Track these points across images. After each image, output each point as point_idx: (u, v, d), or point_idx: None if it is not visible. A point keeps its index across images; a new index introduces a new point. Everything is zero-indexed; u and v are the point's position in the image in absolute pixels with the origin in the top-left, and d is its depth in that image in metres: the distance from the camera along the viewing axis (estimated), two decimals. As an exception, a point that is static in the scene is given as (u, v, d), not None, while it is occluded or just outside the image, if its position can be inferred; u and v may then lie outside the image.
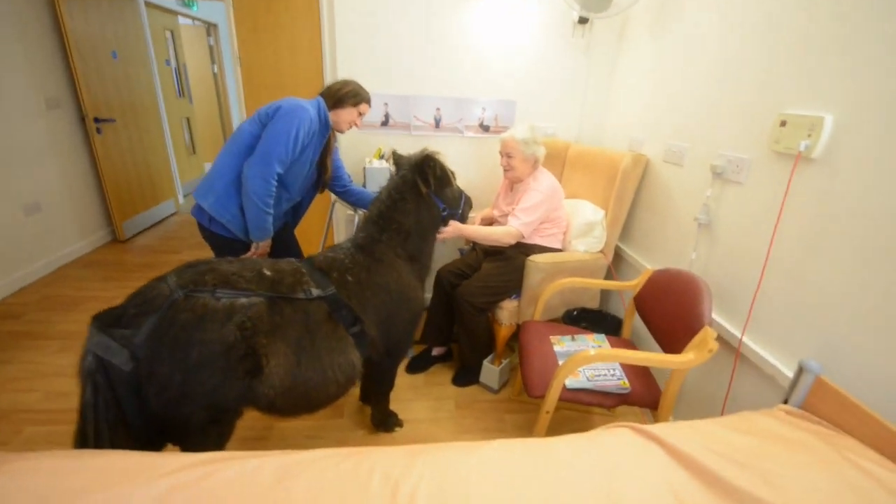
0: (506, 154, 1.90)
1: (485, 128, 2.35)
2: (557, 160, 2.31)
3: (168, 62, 4.38)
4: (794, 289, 1.20)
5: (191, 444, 1.22)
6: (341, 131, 1.72)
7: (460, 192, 1.69)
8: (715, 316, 1.48)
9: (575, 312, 2.06)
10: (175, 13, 4.46)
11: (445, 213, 1.59)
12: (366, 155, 2.27)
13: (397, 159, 1.61)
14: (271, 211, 1.55)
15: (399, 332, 1.48)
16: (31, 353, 2.11)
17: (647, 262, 1.94)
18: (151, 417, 1.11)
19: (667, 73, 1.82)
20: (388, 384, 1.67)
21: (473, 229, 1.77)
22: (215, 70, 5.45)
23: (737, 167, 1.39)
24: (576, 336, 1.67)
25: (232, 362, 1.09)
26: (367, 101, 1.72)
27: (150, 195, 3.91)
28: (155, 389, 1.06)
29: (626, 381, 1.40)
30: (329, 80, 2.06)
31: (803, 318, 1.18)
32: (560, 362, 1.50)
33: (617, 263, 2.19)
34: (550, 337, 1.66)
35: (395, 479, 0.91)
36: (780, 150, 1.22)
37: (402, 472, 0.93)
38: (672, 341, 1.38)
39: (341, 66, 2.16)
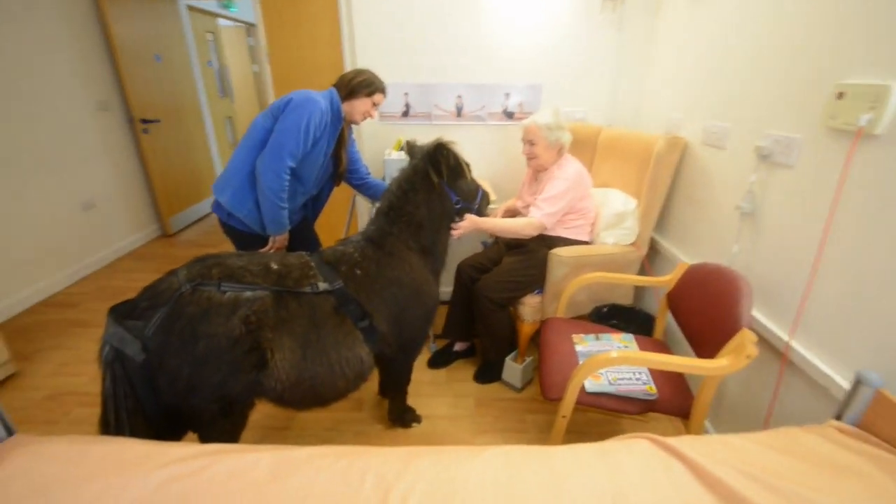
0: (528, 141, 1.80)
1: (509, 115, 2.24)
2: (587, 146, 2.17)
3: (210, 63, 4.57)
4: (851, 287, 1.04)
5: (205, 433, 1.25)
6: (356, 122, 1.69)
7: (476, 186, 1.61)
8: (760, 316, 1.32)
9: (605, 309, 1.93)
10: (215, 15, 4.63)
11: (459, 205, 1.52)
12: (386, 146, 2.24)
13: (411, 148, 1.56)
14: (286, 205, 1.55)
15: (412, 327, 1.44)
16: (83, 339, 2.28)
17: (684, 256, 1.78)
18: (166, 407, 1.15)
19: (708, 45, 1.64)
20: (404, 380, 1.65)
21: (492, 222, 1.69)
22: (256, 69, 5.64)
23: (786, 148, 1.22)
24: (600, 335, 1.56)
25: (238, 356, 1.10)
26: (382, 90, 1.67)
27: (195, 192, 4.12)
28: (165, 381, 1.09)
29: (653, 387, 1.28)
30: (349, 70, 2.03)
31: (862, 322, 1.02)
32: (581, 363, 1.41)
33: (652, 257, 2.04)
34: (573, 335, 1.56)
35: (388, 483, 0.87)
36: (836, 127, 1.05)
37: (396, 475, 0.89)
38: (705, 344, 1.24)
39: (360, 56, 2.13)
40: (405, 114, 2.24)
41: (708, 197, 1.63)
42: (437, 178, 1.41)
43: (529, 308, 1.86)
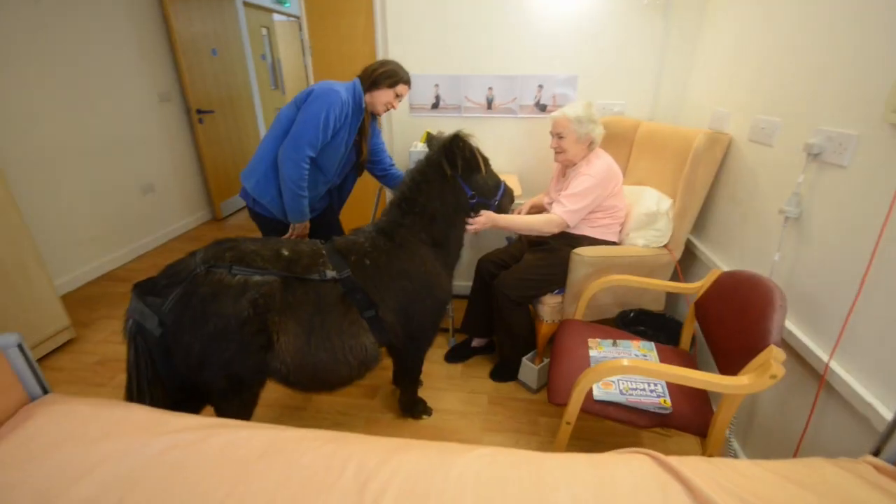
0: (556, 134, 1.73)
1: (541, 107, 2.16)
2: (624, 141, 2.05)
3: (263, 56, 4.79)
4: (905, 307, 0.91)
5: (219, 407, 1.32)
6: (378, 113, 1.70)
7: (497, 182, 1.57)
8: (799, 333, 1.19)
9: (631, 314, 1.83)
10: (270, 10, 4.84)
11: (475, 200, 1.49)
12: (415, 139, 2.24)
13: (430, 140, 1.55)
14: (305, 194, 1.59)
15: (420, 320, 1.44)
16: (134, 312, 2.48)
17: (722, 262, 1.64)
18: (182, 379, 1.22)
19: (761, 33, 1.48)
20: (414, 371, 1.65)
21: (509, 219, 1.64)
22: (307, 62, 5.83)
23: (839, 146, 1.08)
24: (619, 341, 1.47)
25: (245, 336, 1.14)
26: (405, 81, 1.67)
27: (245, 179, 4.34)
28: (179, 355, 1.16)
29: (668, 400, 1.19)
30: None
31: (915, 347, 0.88)
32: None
33: (688, 262, 1.90)
34: (589, 340, 1.49)
35: (369, 472, 0.88)
36: (898, 122, 0.91)
37: (378, 465, 0.89)
38: (729, 359, 1.14)
39: (392, 47, 2.14)
40: (435, 106, 2.22)
41: (751, 198, 1.49)
42: (449, 169, 1.38)
43: (549, 308, 1.80)
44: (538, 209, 2.03)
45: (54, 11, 2.48)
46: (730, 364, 1.12)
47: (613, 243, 1.79)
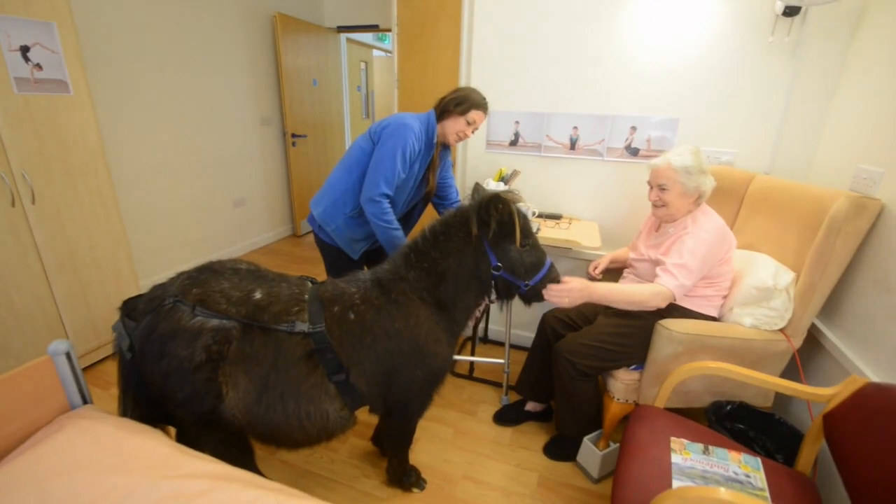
0: (657, 185, 1.48)
1: (632, 151, 1.93)
2: (732, 196, 1.75)
3: (359, 88, 5.09)
4: None
5: (203, 443, 1.17)
6: (449, 144, 1.61)
7: (538, 260, 1.26)
8: None
9: (728, 408, 1.49)
10: (371, 47, 5.17)
11: (498, 273, 1.23)
12: (488, 176, 2.12)
13: (476, 191, 1.38)
14: (395, 226, 1.50)
15: (406, 389, 1.24)
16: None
17: (862, 363, 1.27)
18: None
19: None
20: (401, 442, 1.46)
21: (606, 287, 1.39)
22: (395, 94, 6.13)
23: None
24: (712, 448, 1.17)
25: (198, 382, 1.04)
26: (478, 106, 1.56)
27: (326, 200, 4.56)
28: (146, 382, 1.10)
29: (781, 552, 0.88)
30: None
31: None
32: (674, 483, 1.06)
33: (810, 352, 1.52)
34: (672, 439, 1.20)
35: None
36: None
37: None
38: (883, 517, 0.81)
39: (475, 84, 2.07)
40: (513, 143, 2.10)
41: (916, 287, 1.13)
42: (475, 229, 1.17)
43: (622, 385, 1.52)
44: (620, 264, 1.78)
45: (182, 38, 2.81)
46: (884, 525, 0.80)
47: (712, 318, 1.48)
